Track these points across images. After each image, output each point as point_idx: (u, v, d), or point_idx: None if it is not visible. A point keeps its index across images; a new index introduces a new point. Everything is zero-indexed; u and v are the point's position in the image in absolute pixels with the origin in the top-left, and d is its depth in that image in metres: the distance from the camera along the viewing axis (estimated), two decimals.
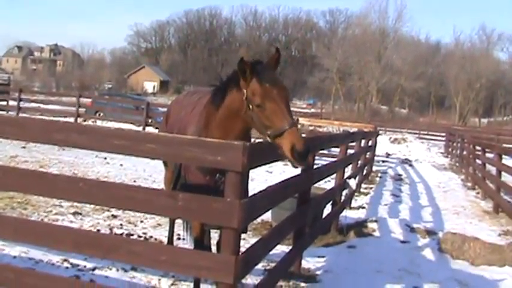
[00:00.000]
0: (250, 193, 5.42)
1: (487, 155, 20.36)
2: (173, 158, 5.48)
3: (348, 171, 14.41)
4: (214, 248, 6.70)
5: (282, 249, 8.43)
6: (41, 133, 5.21)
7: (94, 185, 5.35)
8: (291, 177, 6.81)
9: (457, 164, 30.86)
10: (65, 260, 7.93)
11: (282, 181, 6.31)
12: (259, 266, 7.91)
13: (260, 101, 5.30)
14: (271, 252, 6.51)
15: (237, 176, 4.66)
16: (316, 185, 9.30)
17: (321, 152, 15.08)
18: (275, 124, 5.22)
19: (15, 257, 7.89)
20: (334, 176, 11.85)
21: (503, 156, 17.34)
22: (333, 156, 17.11)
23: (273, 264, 7.59)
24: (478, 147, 22.43)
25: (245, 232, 6.92)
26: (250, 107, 5.39)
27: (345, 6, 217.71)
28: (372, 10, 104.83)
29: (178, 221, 8.04)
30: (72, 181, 5.36)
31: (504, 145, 26.36)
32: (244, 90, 5.43)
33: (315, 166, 8.58)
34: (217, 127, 5.78)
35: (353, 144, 15.04)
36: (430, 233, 11.67)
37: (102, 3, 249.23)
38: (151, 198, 4.88)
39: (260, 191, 5.49)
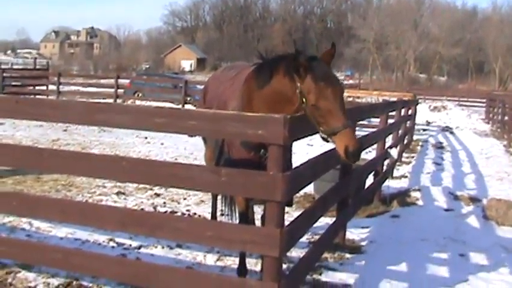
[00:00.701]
0: (293, 166, 5.42)
1: None
2: (215, 134, 5.50)
3: (389, 141, 14.32)
4: (258, 223, 6.73)
5: (325, 221, 8.43)
6: (84, 115, 5.28)
7: (137, 163, 5.42)
8: (332, 149, 6.78)
9: (499, 130, 30.42)
10: (111, 240, 8.02)
11: (323, 153, 6.27)
12: (304, 239, 7.93)
13: (315, 100, 5.23)
14: (315, 225, 6.52)
15: (279, 149, 4.67)
16: None
17: (361, 122, 14.96)
18: (329, 124, 5.18)
19: (62, 238, 8.00)
20: (375, 146, 11.79)
21: None
22: (373, 127, 16.96)
23: (317, 237, 7.59)
24: None
25: (290, 205, 6.94)
26: (304, 100, 5.33)
27: None
28: None
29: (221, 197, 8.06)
30: (115, 160, 5.42)
31: None
32: (298, 84, 5.35)
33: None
34: (263, 107, 5.68)
35: (393, 113, 14.91)
36: (474, 200, 11.56)
37: None
38: (194, 175, 4.92)
39: (302, 164, 5.49)
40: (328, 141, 5.32)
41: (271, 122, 4.63)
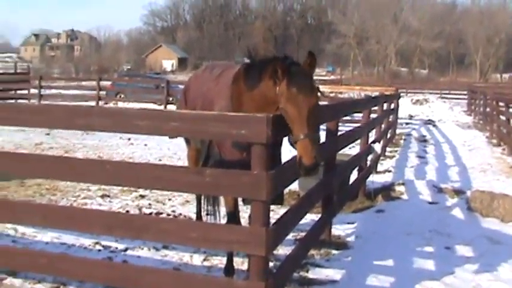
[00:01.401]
0: None
1: (511, 110, 20.19)
2: (198, 135, 5.50)
3: (372, 135, 14.37)
4: (243, 221, 6.74)
5: (311, 218, 8.44)
6: (65, 120, 5.26)
7: (121, 166, 5.41)
8: None
9: (481, 122, 30.60)
10: (97, 243, 8.01)
11: None
12: (290, 236, 7.93)
13: (284, 104, 5.21)
14: (301, 222, 6.53)
15: (263, 148, 4.68)
16: (341, 151, 9.29)
17: (344, 118, 15.04)
18: (293, 130, 5.15)
19: (47, 243, 7.98)
20: (358, 141, 11.83)
21: None
22: (356, 122, 17.03)
23: (303, 234, 7.60)
24: (501, 103, 22.23)
25: (281, 204, 6.95)
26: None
27: None
28: None
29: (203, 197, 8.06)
30: (98, 164, 5.41)
31: None
32: (277, 87, 5.36)
33: (339, 133, 8.55)
34: (253, 108, 5.67)
35: (375, 108, 14.96)
36: (458, 192, 11.62)
37: None
38: (178, 176, 4.92)
39: (287, 161, 5.51)
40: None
41: (254, 122, 4.64)
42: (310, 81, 5.36)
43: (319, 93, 5.45)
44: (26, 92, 34.58)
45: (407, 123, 29.82)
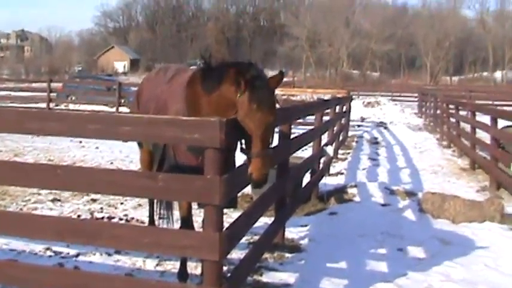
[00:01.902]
0: None
1: (461, 112, 20.47)
2: (150, 139, 5.47)
3: (325, 138, 14.44)
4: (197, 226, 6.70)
5: (264, 221, 8.43)
6: (15, 124, 5.16)
7: (72, 171, 5.34)
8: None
9: (432, 124, 30.96)
10: (48, 249, 7.88)
11: None
12: (244, 240, 7.92)
13: (241, 116, 5.21)
14: (254, 225, 6.52)
15: (216, 153, 4.65)
16: (294, 154, 9.30)
17: (297, 121, 15.12)
18: (247, 144, 5.23)
19: None
20: (311, 144, 11.86)
21: (477, 113, 17.40)
22: (308, 125, 17.10)
23: (256, 237, 7.60)
24: (451, 106, 22.52)
25: (235, 207, 6.93)
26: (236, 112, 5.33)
27: None
28: None
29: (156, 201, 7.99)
30: (49, 169, 5.30)
31: (476, 101, 26.53)
32: (238, 95, 5.32)
33: (292, 135, 8.57)
34: (211, 111, 5.63)
35: (328, 111, 15.03)
36: (409, 194, 11.75)
37: None
38: (130, 181, 4.87)
39: (240, 165, 5.49)
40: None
41: (207, 126, 4.61)
42: (272, 98, 5.35)
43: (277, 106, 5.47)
44: None
45: (359, 126, 30.07)
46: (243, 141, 5.31)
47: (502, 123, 14.04)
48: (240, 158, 5.85)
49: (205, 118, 4.83)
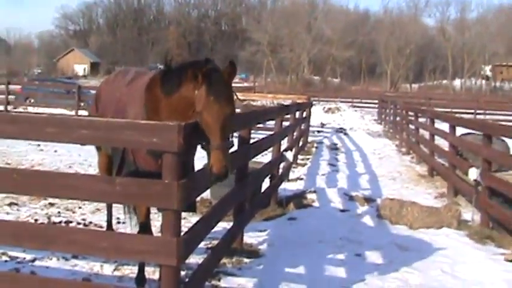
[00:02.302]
0: None
1: (420, 119, 20.68)
2: (108, 143, 5.43)
3: (284, 143, 14.48)
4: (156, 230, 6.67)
5: (223, 226, 8.41)
6: None
7: (28, 175, 5.27)
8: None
9: (391, 131, 31.26)
10: (3, 253, 7.76)
11: None
12: (202, 245, 7.90)
13: (200, 109, 5.21)
14: (213, 230, 6.51)
15: (174, 157, 4.64)
16: (253, 159, 9.31)
17: (257, 125, 15.16)
18: (206, 137, 5.18)
19: None
20: (271, 149, 11.88)
21: (435, 120, 17.59)
22: (269, 129, 17.13)
23: (215, 242, 7.58)
24: (410, 113, 22.75)
25: (194, 211, 6.90)
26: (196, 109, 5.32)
27: None
28: None
29: (117, 205, 7.92)
30: (5, 173, 5.22)
31: (436, 109, 26.80)
32: (196, 91, 5.33)
33: (252, 140, 8.57)
34: (171, 114, 5.60)
35: (288, 116, 15.07)
36: (368, 200, 11.86)
37: None
38: (87, 185, 4.82)
39: (199, 170, 5.48)
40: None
41: (165, 130, 4.59)
42: (229, 90, 5.35)
43: (236, 100, 5.46)
44: None
45: (319, 131, 30.18)
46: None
47: (460, 130, 14.20)
48: (199, 163, 5.84)
49: (163, 122, 4.82)
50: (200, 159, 5.82)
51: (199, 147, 5.47)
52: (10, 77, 66.40)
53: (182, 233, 4.87)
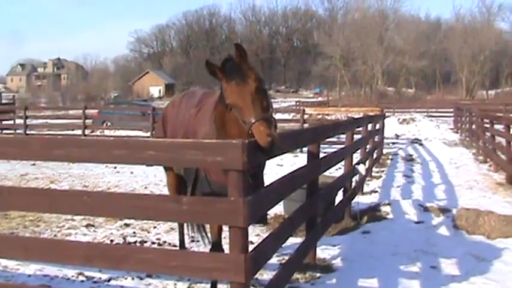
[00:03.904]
0: None
1: (496, 126, 20.26)
2: (174, 163, 5.50)
3: (358, 156, 14.38)
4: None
5: (296, 241, 8.41)
6: (42, 151, 5.22)
7: (98, 197, 5.38)
8: (297, 169, 6.80)
9: (467, 139, 30.69)
10: (80, 274, 7.93)
11: (288, 174, 6.31)
12: (275, 261, 7.93)
13: (229, 99, 5.40)
14: (286, 245, 6.52)
15: (239, 175, 4.66)
16: (326, 173, 9.28)
17: (329, 140, 15.13)
18: (244, 119, 5.25)
19: (30, 275, 7.89)
20: (343, 163, 11.82)
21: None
22: (342, 143, 17.04)
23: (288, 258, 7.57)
24: (486, 120, 22.32)
25: (265, 224, 6.93)
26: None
27: None
28: None
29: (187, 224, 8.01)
30: (76, 195, 5.36)
31: None
32: (223, 87, 5.55)
33: (322, 155, 8.54)
34: (234, 124, 5.64)
35: (359, 129, 14.96)
36: (444, 210, 11.63)
37: (101, 13, 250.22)
38: (155, 205, 4.89)
39: (265, 186, 5.50)
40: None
41: (229, 148, 4.62)
42: (244, 70, 5.47)
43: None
44: (11, 122, 34.50)
45: (393, 143, 29.83)
46: (245, 127, 5.33)
47: None
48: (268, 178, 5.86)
49: (227, 141, 4.85)
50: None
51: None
52: (88, 101, 68.15)
53: (250, 250, 4.89)
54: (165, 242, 10.00)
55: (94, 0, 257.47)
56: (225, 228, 6.53)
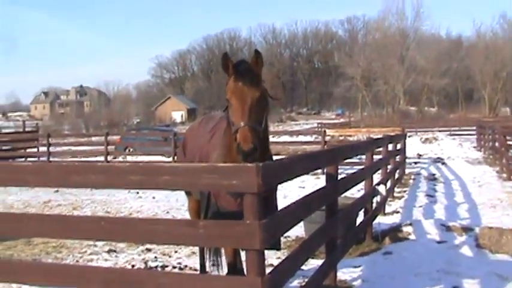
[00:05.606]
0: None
1: None
2: (190, 187, 5.54)
3: (379, 177, 14.34)
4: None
5: (318, 263, 8.39)
6: (60, 178, 5.28)
7: (115, 222, 5.42)
8: (315, 191, 6.79)
9: (491, 157, 30.48)
10: None
11: (306, 196, 6.30)
12: (295, 283, 7.92)
13: (228, 95, 5.61)
14: (307, 268, 6.50)
15: (254, 198, 4.67)
16: (347, 194, 9.27)
17: (350, 161, 15.07)
18: (234, 121, 5.48)
19: None
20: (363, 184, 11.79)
21: None
22: (363, 164, 17.02)
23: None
24: (508, 137, 22.18)
25: (278, 249, 6.91)
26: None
27: (362, 12, 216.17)
28: (390, 13, 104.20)
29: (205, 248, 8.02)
30: (93, 221, 5.40)
31: None
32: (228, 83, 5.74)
33: (341, 176, 8.53)
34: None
35: (380, 149, 14.93)
36: (466, 229, 11.54)
37: (121, 40, 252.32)
38: (171, 229, 4.92)
39: (282, 209, 5.51)
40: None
41: (244, 172, 4.64)
42: (254, 76, 5.69)
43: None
44: (35, 150, 34.81)
45: (416, 163, 29.67)
46: (232, 129, 5.60)
47: None
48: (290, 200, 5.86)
49: (242, 164, 4.87)
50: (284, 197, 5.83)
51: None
52: (111, 128, 68.58)
53: (267, 272, 4.89)
54: (186, 266, 10.04)
55: (114, 28, 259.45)
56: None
